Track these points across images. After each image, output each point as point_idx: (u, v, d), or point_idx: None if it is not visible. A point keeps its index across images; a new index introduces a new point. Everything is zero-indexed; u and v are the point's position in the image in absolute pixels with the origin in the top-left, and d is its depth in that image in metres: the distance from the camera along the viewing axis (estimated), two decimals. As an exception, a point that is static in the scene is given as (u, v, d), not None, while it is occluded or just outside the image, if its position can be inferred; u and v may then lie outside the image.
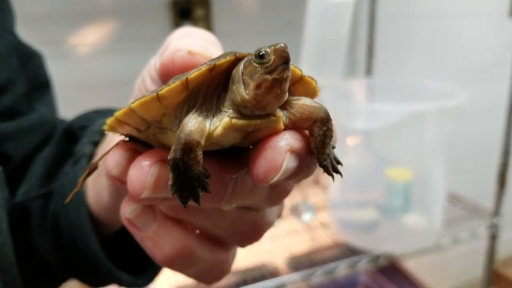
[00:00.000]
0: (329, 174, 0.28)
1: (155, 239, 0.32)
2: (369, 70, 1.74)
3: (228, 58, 0.26)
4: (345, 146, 1.27)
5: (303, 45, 1.17)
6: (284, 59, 0.25)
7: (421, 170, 1.28)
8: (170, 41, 0.34)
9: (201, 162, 0.25)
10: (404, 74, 1.83)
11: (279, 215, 0.38)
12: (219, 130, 0.26)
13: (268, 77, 0.25)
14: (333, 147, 0.28)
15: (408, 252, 1.32)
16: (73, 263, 0.48)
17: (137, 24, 1.43)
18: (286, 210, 1.45)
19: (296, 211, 1.46)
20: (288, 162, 0.26)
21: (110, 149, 0.32)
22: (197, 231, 0.34)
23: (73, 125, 0.54)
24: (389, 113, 1.11)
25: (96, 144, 0.49)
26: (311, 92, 0.30)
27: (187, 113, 0.27)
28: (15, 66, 0.54)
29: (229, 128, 0.26)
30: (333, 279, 1.25)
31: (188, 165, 0.25)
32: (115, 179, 0.32)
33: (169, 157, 0.25)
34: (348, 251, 1.29)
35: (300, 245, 1.36)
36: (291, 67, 0.26)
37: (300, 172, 0.27)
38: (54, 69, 0.60)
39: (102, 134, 0.50)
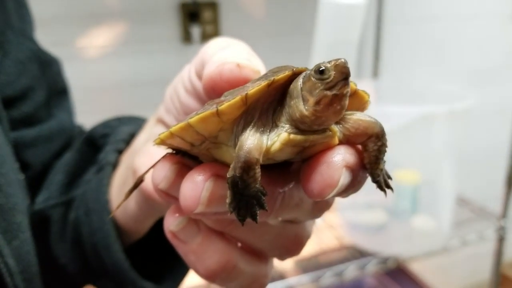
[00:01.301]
0: (382, 189, 0.28)
1: (199, 252, 0.32)
2: (375, 72, 1.74)
3: (286, 73, 0.26)
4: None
5: (313, 47, 1.17)
6: (344, 75, 0.24)
7: (429, 172, 1.28)
8: (209, 52, 0.34)
9: (259, 179, 0.25)
10: (410, 76, 1.83)
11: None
12: (277, 146, 0.26)
13: (328, 93, 0.24)
14: (384, 162, 0.28)
15: (416, 254, 1.32)
16: (95, 272, 0.48)
17: (146, 26, 1.44)
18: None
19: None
20: (344, 178, 0.26)
21: (157, 162, 0.31)
22: (239, 244, 0.34)
23: (94, 133, 0.54)
24: (397, 115, 1.11)
25: (120, 152, 0.49)
26: (362, 105, 0.29)
27: (244, 128, 0.26)
28: (35, 73, 0.54)
29: (286, 144, 0.26)
30: (340, 281, 1.25)
31: (247, 183, 0.25)
32: (162, 193, 0.31)
33: (228, 175, 0.25)
34: (356, 253, 1.29)
35: (308, 247, 1.36)
36: None
37: (352, 187, 0.27)
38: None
39: (126, 142, 0.49)
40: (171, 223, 0.32)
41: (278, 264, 1.30)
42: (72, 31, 1.39)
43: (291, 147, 0.26)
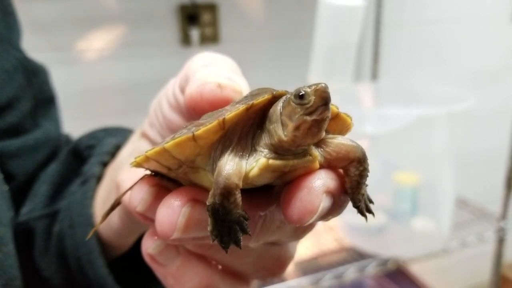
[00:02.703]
0: (363, 215, 0.28)
1: (178, 275, 0.31)
2: (374, 75, 1.74)
3: (266, 97, 0.26)
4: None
5: (312, 50, 1.18)
6: (324, 100, 0.24)
7: (428, 174, 1.28)
8: (193, 69, 0.33)
9: (240, 204, 0.24)
10: (410, 78, 1.83)
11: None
12: (255, 171, 0.25)
13: (308, 118, 0.24)
14: (366, 186, 0.27)
15: (416, 256, 1.32)
16: (79, 285, 0.47)
17: (145, 29, 1.44)
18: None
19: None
20: (324, 204, 0.25)
21: (135, 183, 0.31)
22: (220, 267, 0.33)
23: (80, 144, 0.53)
24: (397, 117, 1.11)
25: (105, 164, 0.48)
26: (345, 128, 0.29)
27: (222, 153, 0.26)
28: (21, 82, 0.52)
29: (265, 169, 0.25)
30: (340, 283, 1.25)
31: (228, 210, 0.24)
32: (140, 215, 0.30)
33: (207, 203, 0.24)
34: (356, 255, 1.29)
35: (308, 249, 1.36)
36: None
37: (333, 212, 0.26)
38: (62, 75, 0.58)
39: (112, 155, 0.49)
40: (149, 246, 0.31)
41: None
42: (71, 35, 1.39)
43: (270, 172, 0.25)
